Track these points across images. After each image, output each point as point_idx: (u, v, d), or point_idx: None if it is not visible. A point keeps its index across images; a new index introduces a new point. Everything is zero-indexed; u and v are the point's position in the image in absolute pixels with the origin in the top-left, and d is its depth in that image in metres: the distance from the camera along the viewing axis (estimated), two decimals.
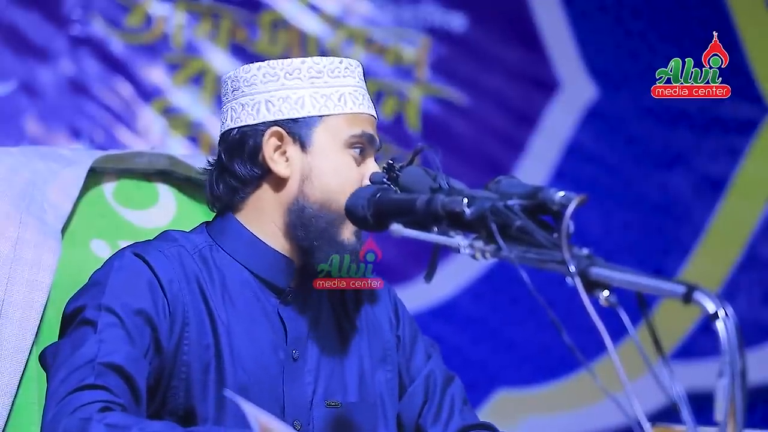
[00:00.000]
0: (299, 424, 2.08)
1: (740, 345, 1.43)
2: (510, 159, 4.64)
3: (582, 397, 4.53)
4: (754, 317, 4.75)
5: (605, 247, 4.37)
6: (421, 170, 1.90)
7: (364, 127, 2.13)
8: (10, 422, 2.13)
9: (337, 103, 2.12)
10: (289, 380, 2.09)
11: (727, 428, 1.42)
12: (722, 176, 4.81)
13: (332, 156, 2.11)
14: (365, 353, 2.19)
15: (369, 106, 2.16)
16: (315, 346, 2.13)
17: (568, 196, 1.65)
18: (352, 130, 2.11)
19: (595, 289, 1.56)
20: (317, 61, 2.14)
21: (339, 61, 2.15)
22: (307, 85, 2.13)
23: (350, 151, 2.11)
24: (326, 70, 2.13)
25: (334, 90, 2.13)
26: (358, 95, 2.14)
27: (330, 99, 2.12)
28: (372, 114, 2.16)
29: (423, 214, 1.81)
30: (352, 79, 2.15)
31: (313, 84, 2.13)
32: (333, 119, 2.12)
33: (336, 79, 2.14)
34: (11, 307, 2.15)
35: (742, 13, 4.80)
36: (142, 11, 4.21)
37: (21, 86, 4.04)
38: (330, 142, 2.11)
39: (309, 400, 2.10)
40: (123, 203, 2.43)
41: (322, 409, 2.10)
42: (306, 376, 2.11)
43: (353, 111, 2.13)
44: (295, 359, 2.10)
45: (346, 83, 2.14)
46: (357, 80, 2.16)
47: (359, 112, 2.13)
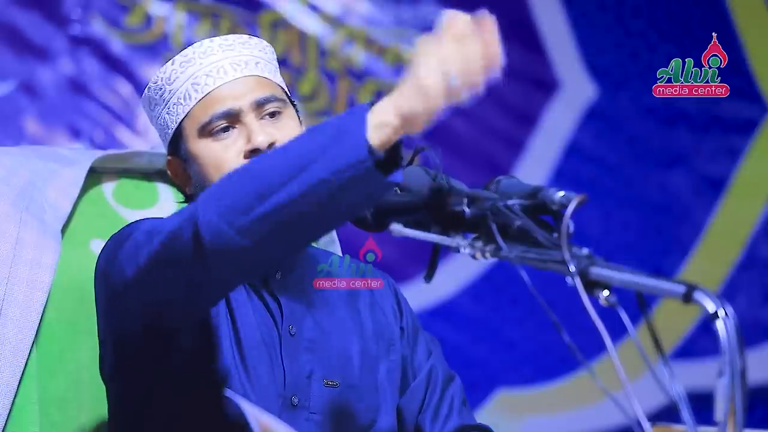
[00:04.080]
0: (296, 399, 2.08)
1: (740, 345, 1.43)
2: (510, 159, 4.63)
3: (582, 397, 4.53)
4: (754, 317, 4.75)
5: (605, 247, 4.37)
6: (421, 170, 1.89)
7: (214, 107, 2.08)
8: (10, 422, 2.13)
9: (183, 103, 2.11)
10: (287, 355, 2.09)
11: (726, 428, 1.42)
12: (722, 176, 4.81)
13: (199, 155, 2.10)
14: (370, 336, 2.20)
15: (219, 76, 2.09)
16: (312, 323, 2.14)
17: (568, 196, 1.65)
18: (200, 120, 2.09)
19: (595, 289, 1.56)
20: (156, 78, 2.14)
21: (171, 63, 2.13)
22: (161, 105, 2.14)
23: (210, 138, 2.08)
24: (164, 81, 2.13)
25: (177, 93, 2.12)
26: (199, 80, 2.10)
27: (178, 104, 2.11)
28: (229, 80, 2.09)
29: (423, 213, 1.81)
30: (193, 67, 2.11)
31: (164, 100, 2.14)
32: (187, 120, 2.11)
33: (174, 83, 2.12)
34: (11, 306, 2.15)
35: (742, 13, 4.80)
36: (142, 11, 4.21)
37: (21, 86, 4.04)
38: (192, 143, 2.10)
39: (306, 377, 2.10)
40: (123, 203, 2.43)
41: (320, 387, 2.11)
42: (304, 352, 2.11)
43: (198, 99, 2.09)
44: (292, 335, 2.11)
45: (186, 77, 2.11)
46: (199, 62, 2.10)
47: (204, 95, 2.09)
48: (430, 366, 2.25)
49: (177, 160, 2.15)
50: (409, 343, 2.26)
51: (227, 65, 2.10)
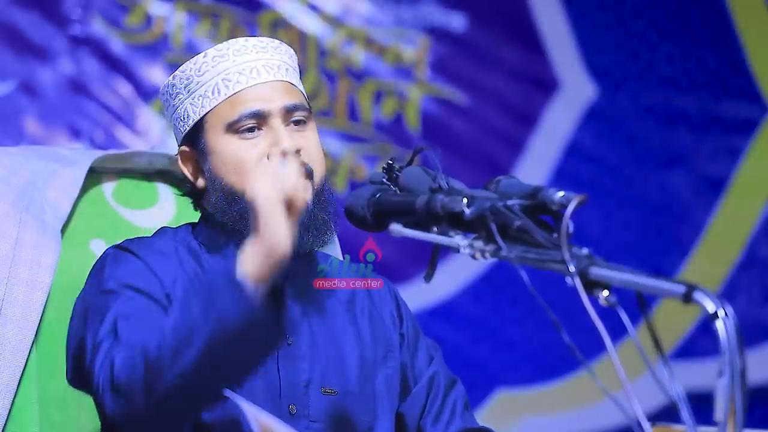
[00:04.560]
0: (294, 408, 2.08)
1: (740, 345, 1.43)
2: (510, 159, 4.64)
3: (582, 397, 4.53)
4: (754, 317, 4.75)
5: (605, 247, 4.37)
6: (421, 170, 1.89)
7: (244, 106, 2.09)
8: (10, 422, 2.14)
9: (211, 97, 2.11)
10: (284, 364, 2.09)
11: (726, 428, 1.42)
12: (722, 176, 4.81)
13: (220, 150, 2.10)
14: (367, 343, 2.19)
15: (251, 77, 2.11)
16: (310, 332, 2.14)
17: (568, 196, 1.65)
18: (228, 117, 2.09)
19: (595, 289, 1.56)
20: (183, 69, 2.14)
21: (203, 55, 2.13)
22: (185, 94, 2.14)
23: (236, 136, 2.09)
24: (193, 72, 2.13)
25: (206, 86, 2.12)
26: (231, 77, 2.11)
27: (205, 97, 2.11)
28: (260, 81, 2.11)
29: (423, 214, 1.81)
30: (225, 63, 2.12)
31: (189, 91, 2.13)
32: (211, 114, 2.11)
33: (204, 75, 2.12)
34: (11, 306, 2.15)
35: (742, 13, 4.80)
36: (142, 11, 4.21)
37: (21, 86, 4.04)
38: (214, 138, 2.11)
39: (304, 385, 2.10)
40: (123, 203, 2.43)
41: (318, 395, 2.10)
42: (300, 360, 2.11)
43: (228, 96, 2.10)
44: (289, 344, 2.10)
45: (218, 71, 2.12)
46: (232, 60, 2.12)
47: (234, 92, 2.10)
48: (432, 372, 2.24)
49: (192, 151, 2.15)
50: (410, 349, 2.25)
51: (260, 67, 2.11)
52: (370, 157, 4.46)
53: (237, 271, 1.82)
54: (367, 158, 4.45)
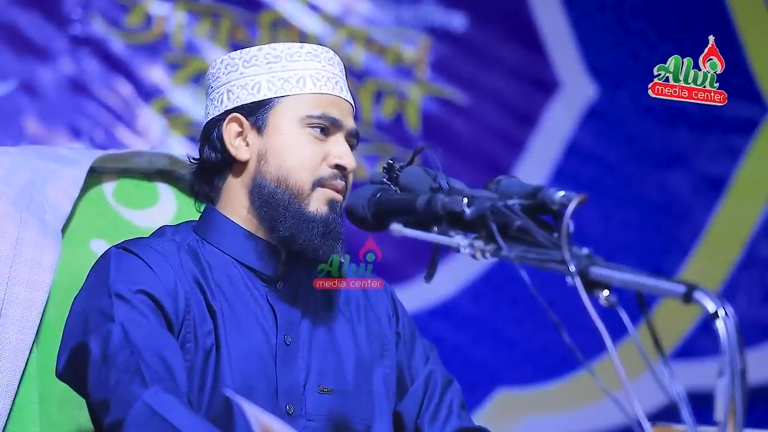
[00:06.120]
0: (292, 408, 2.08)
1: (740, 345, 1.43)
2: (510, 159, 4.64)
3: (582, 397, 4.53)
4: (754, 317, 4.75)
5: (605, 246, 4.37)
6: (421, 170, 1.90)
7: (326, 108, 2.15)
8: (10, 421, 2.14)
9: (295, 85, 2.15)
10: (282, 364, 2.09)
11: (727, 428, 1.42)
12: (722, 176, 4.81)
13: (288, 135, 2.13)
14: (363, 342, 2.20)
15: (335, 89, 2.18)
16: (308, 332, 2.14)
17: (568, 196, 1.65)
18: (309, 110, 2.14)
19: (595, 288, 1.56)
20: (274, 47, 2.18)
21: (299, 46, 2.18)
22: (264, 70, 2.16)
23: (309, 130, 2.14)
24: (284, 55, 2.17)
25: (292, 73, 2.16)
26: (320, 77, 2.16)
27: (288, 81, 2.15)
28: (341, 96, 2.18)
29: (423, 213, 1.81)
30: (315, 63, 2.17)
31: (270, 69, 2.16)
32: (290, 100, 2.15)
33: (295, 63, 2.16)
34: (11, 306, 2.15)
35: (742, 13, 4.80)
36: (142, 11, 4.21)
37: (21, 86, 4.04)
38: (286, 121, 2.14)
39: (302, 385, 2.10)
40: (123, 203, 2.43)
41: (314, 395, 2.11)
42: (299, 361, 2.11)
43: (312, 92, 2.15)
44: (287, 344, 2.11)
45: (307, 66, 2.16)
46: (322, 64, 2.18)
47: (320, 92, 2.15)
48: (429, 371, 2.26)
49: (246, 122, 2.16)
50: (406, 348, 2.26)
51: (342, 86, 2.20)
52: (371, 156, 4.46)
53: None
54: (368, 158, 4.45)
